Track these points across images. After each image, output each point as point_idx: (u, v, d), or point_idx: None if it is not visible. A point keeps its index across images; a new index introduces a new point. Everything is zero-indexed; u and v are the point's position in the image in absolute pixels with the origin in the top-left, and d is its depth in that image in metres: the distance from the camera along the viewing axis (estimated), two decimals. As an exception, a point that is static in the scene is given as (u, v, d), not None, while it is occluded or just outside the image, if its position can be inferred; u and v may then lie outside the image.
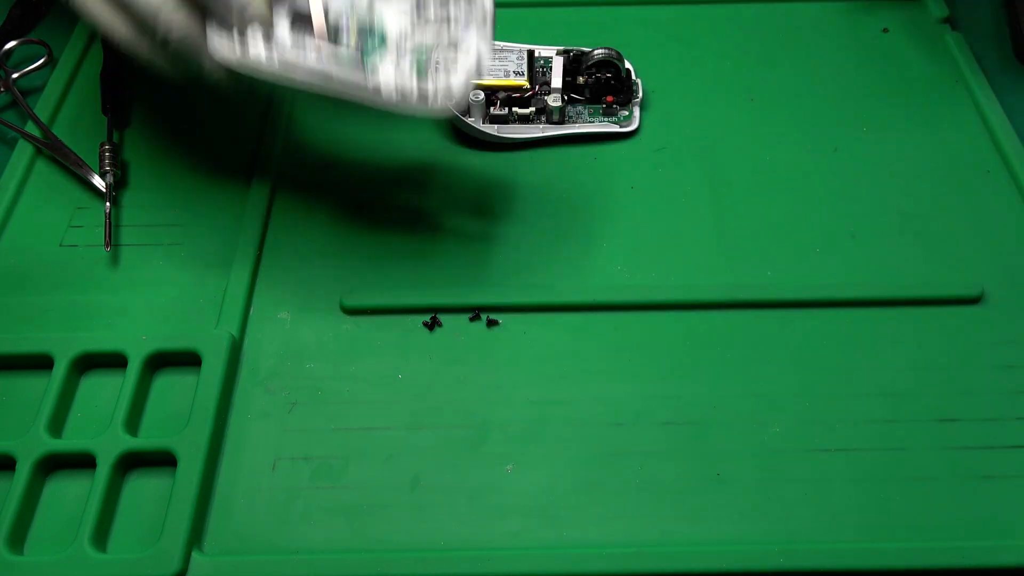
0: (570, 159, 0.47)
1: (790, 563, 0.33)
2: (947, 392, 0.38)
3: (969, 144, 0.47)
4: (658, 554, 0.33)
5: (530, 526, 0.34)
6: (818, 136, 0.47)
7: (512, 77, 0.47)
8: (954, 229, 0.43)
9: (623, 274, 0.42)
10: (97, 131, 0.47)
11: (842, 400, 0.38)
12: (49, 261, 0.42)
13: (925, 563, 0.33)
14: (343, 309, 0.40)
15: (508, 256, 0.42)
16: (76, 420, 0.37)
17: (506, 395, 0.38)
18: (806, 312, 0.40)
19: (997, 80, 0.50)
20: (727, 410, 0.37)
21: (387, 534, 0.34)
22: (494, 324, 0.40)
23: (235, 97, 0.48)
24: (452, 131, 0.48)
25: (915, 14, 0.54)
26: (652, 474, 0.36)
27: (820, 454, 0.36)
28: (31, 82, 0.50)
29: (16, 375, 0.38)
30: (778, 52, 0.52)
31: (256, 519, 0.35)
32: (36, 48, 0.50)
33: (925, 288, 0.41)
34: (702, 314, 0.40)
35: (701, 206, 0.44)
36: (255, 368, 0.39)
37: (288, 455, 0.36)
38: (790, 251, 0.43)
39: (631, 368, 0.39)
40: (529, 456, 0.36)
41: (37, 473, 0.35)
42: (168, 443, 0.36)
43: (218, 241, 0.43)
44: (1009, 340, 0.39)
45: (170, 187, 0.45)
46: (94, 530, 0.34)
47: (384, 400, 0.38)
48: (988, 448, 0.36)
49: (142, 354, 0.38)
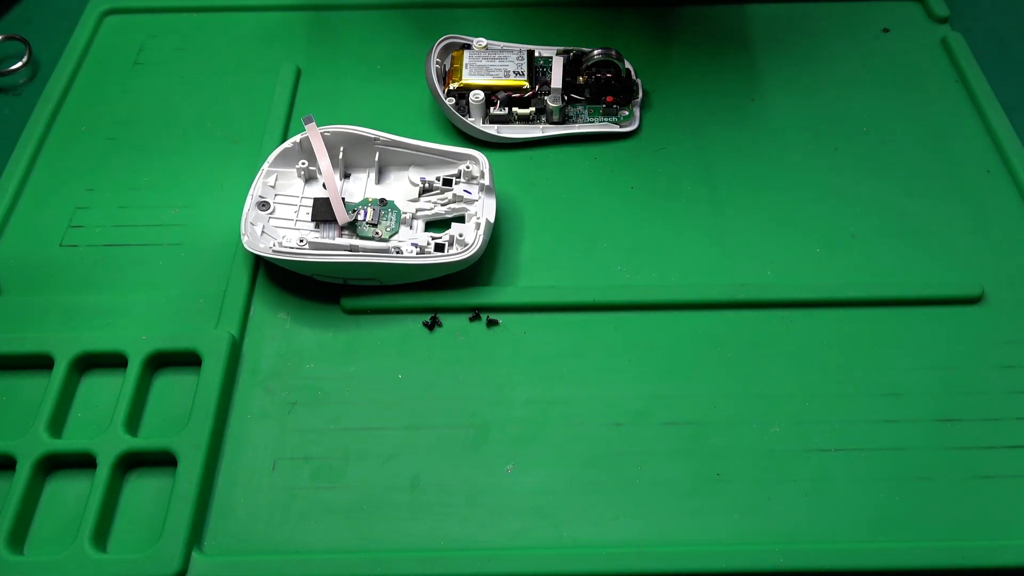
0: (570, 159, 0.47)
1: (790, 563, 0.33)
2: (947, 392, 0.38)
3: (969, 144, 0.47)
4: (658, 554, 0.33)
5: (530, 526, 0.34)
6: (818, 136, 0.47)
7: (512, 77, 0.47)
8: (954, 229, 0.43)
9: (623, 274, 0.42)
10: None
11: (842, 400, 0.38)
12: (49, 261, 0.42)
13: (925, 563, 0.33)
14: (343, 309, 0.40)
15: (508, 256, 0.42)
16: (76, 420, 0.37)
17: (506, 395, 0.38)
18: (806, 312, 0.40)
19: (997, 80, 0.50)
20: (727, 410, 0.37)
21: (387, 534, 0.34)
22: (494, 324, 0.40)
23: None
24: (452, 131, 0.48)
25: (915, 14, 0.54)
26: (652, 474, 0.36)
27: (820, 454, 0.36)
28: (13, 80, 0.49)
29: (16, 375, 0.38)
30: (778, 52, 0.52)
31: (256, 519, 0.35)
32: (16, 45, 0.49)
33: (925, 288, 0.41)
34: (702, 314, 0.40)
35: (701, 206, 0.44)
36: (255, 368, 0.39)
37: (288, 455, 0.36)
38: (790, 251, 0.43)
39: (631, 368, 0.39)
40: (529, 456, 0.36)
41: (37, 473, 0.35)
42: (168, 443, 0.36)
43: (218, 241, 0.43)
44: (1009, 340, 0.39)
45: (170, 187, 0.45)
46: (94, 530, 0.34)
47: (384, 400, 0.38)
48: (988, 448, 0.36)
49: (142, 354, 0.38)
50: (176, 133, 0.48)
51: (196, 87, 0.50)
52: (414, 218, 0.42)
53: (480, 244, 0.40)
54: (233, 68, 0.51)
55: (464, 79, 0.47)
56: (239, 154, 0.46)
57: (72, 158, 0.46)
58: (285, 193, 0.43)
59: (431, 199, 0.43)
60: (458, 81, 0.47)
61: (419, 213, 0.42)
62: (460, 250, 0.40)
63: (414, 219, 0.42)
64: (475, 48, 0.48)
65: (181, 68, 0.51)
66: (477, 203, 0.42)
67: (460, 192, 0.42)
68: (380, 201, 0.42)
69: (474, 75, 0.47)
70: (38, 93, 0.49)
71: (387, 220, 0.41)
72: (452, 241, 0.40)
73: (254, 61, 0.51)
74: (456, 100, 0.47)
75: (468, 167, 0.43)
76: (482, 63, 0.47)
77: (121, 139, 0.47)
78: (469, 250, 0.39)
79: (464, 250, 0.39)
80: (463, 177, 0.43)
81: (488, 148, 0.46)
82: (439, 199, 0.43)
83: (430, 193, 0.43)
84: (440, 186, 0.43)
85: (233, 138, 0.47)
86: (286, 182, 0.43)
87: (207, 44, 0.52)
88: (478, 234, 0.40)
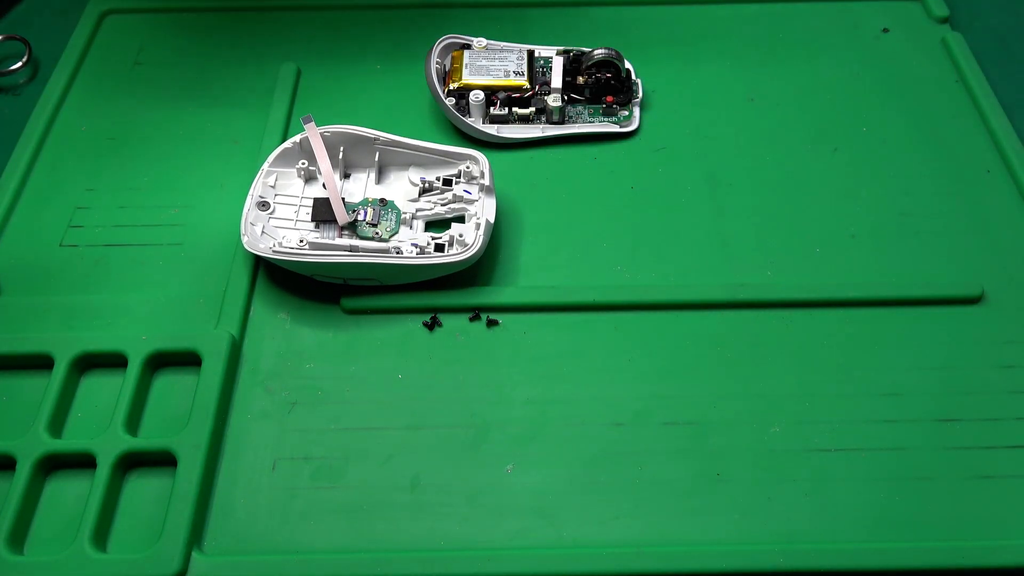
0: (570, 159, 0.47)
1: (790, 563, 0.33)
2: (947, 392, 0.38)
3: (969, 144, 0.47)
4: (658, 554, 0.33)
5: (530, 526, 0.34)
6: (818, 136, 0.47)
7: (512, 77, 0.47)
8: (954, 229, 0.43)
9: (623, 274, 0.42)
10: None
11: (842, 400, 0.38)
12: (49, 261, 0.42)
13: (925, 563, 0.33)
14: (343, 309, 0.40)
15: (508, 256, 0.42)
16: (76, 420, 0.37)
17: (506, 395, 0.38)
18: (806, 312, 0.40)
19: (997, 80, 0.50)
20: (727, 410, 0.37)
21: (387, 534, 0.34)
22: (494, 324, 0.40)
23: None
24: (452, 131, 0.48)
25: (915, 14, 0.54)
26: (652, 474, 0.36)
27: (820, 454, 0.36)
28: (13, 80, 0.49)
29: (16, 375, 0.38)
30: (778, 52, 0.52)
31: (256, 519, 0.35)
32: (16, 45, 0.49)
33: (925, 288, 0.41)
34: (702, 314, 0.40)
35: (701, 206, 0.44)
36: (255, 368, 0.39)
37: (288, 455, 0.36)
38: (790, 251, 0.43)
39: (631, 368, 0.39)
40: (529, 456, 0.36)
41: (37, 473, 0.35)
42: (168, 443, 0.36)
43: (218, 241, 0.43)
44: (1009, 340, 0.39)
45: (170, 187, 0.45)
46: (94, 530, 0.34)
47: (384, 400, 0.38)
48: (988, 448, 0.36)
49: (142, 354, 0.38)
50: (176, 133, 0.48)
51: (196, 87, 0.50)
52: (414, 218, 0.42)
53: (480, 244, 0.40)
54: (233, 68, 0.51)
55: (464, 79, 0.47)
56: (239, 154, 0.46)
57: (72, 158, 0.46)
58: (285, 193, 0.43)
59: (431, 199, 0.43)
60: (458, 81, 0.47)
61: (419, 213, 0.42)
62: (460, 250, 0.40)
63: (414, 219, 0.42)
64: (475, 48, 0.48)
65: (181, 68, 0.51)
66: (477, 203, 0.42)
67: (460, 192, 0.42)
68: (380, 201, 0.42)
69: (474, 75, 0.47)
70: (38, 93, 0.49)
71: (387, 220, 0.41)
72: (452, 241, 0.40)
73: (254, 61, 0.51)
74: (456, 100, 0.47)
75: (468, 167, 0.43)
76: (482, 63, 0.47)
77: (121, 139, 0.47)
78: (469, 250, 0.39)
79: (464, 250, 0.39)
80: (463, 177, 0.43)
81: (488, 148, 0.46)
82: (439, 199, 0.43)
83: (430, 193, 0.43)
84: (440, 186, 0.43)
85: (233, 138, 0.47)
86: (286, 182, 0.43)
87: (207, 44, 0.52)
88: (478, 234, 0.40)
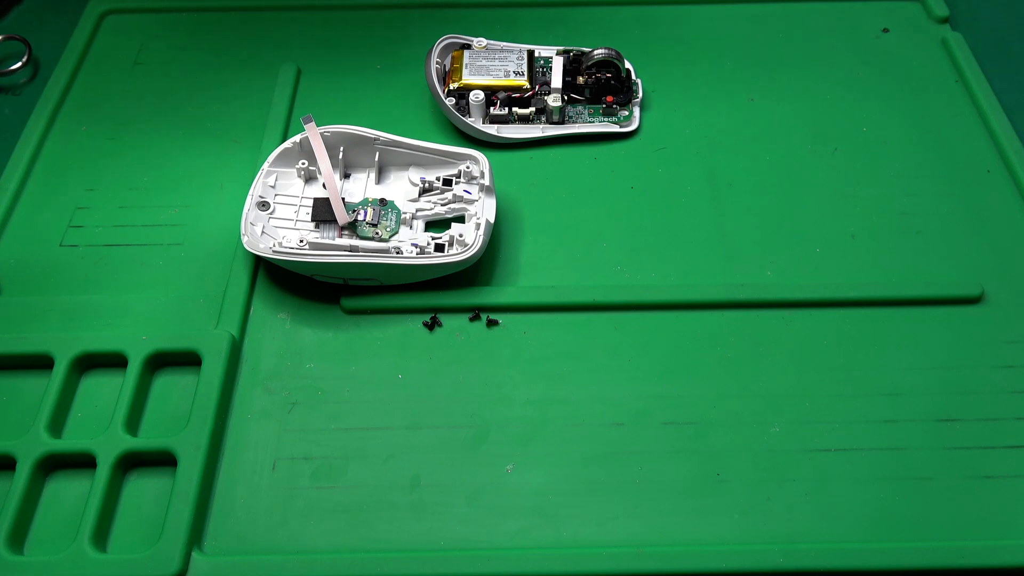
0: (570, 159, 0.47)
1: (790, 563, 0.33)
2: (947, 392, 0.38)
3: (969, 144, 0.47)
4: (658, 554, 0.33)
5: (530, 526, 0.34)
6: (818, 136, 0.47)
7: (512, 77, 0.47)
8: (954, 229, 0.43)
9: (623, 274, 0.42)
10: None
11: (842, 400, 0.38)
12: (49, 261, 0.42)
13: (925, 563, 0.33)
14: (343, 309, 0.40)
15: (508, 256, 0.42)
16: (76, 420, 0.37)
17: (506, 395, 0.38)
18: (806, 312, 0.40)
19: (997, 80, 0.50)
20: (727, 410, 0.37)
21: (387, 534, 0.34)
22: (494, 324, 0.40)
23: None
24: (452, 131, 0.48)
25: (915, 14, 0.54)
26: (652, 474, 0.36)
27: (820, 454, 0.36)
28: (13, 80, 0.49)
29: (16, 375, 0.38)
30: (778, 52, 0.52)
31: (256, 519, 0.35)
32: (16, 45, 0.49)
33: (925, 288, 0.41)
34: (702, 314, 0.40)
35: (701, 206, 0.44)
36: (255, 368, 0.39)
37: (288, 455, 0.36)
38: (790, 251, 0.43)
39: (631, 368, 0.39)
40: (529, 456, 0.36)
41: (37, 473, 0.35)
42: (168, 443, 0.36)
43: (218, 241, 0.43)
44: (1009, 340, 0.39)
45: (170, 187, 0.45)
46: (94, 530, 0.34)
47: (384, 400, 0.38)
48: (988, 448, 0.36)
49: (142, 354, 0.38)
50: (176, 133, 0.48)
51: (196, 87, 0.50)
52: (414, 218, 0.42)
53: (480, 244, 0.40)
54: (233, 68, 0.51)
55: (464, 79, 0.47)
56: (239, 154, 0.46)
57: (72, 158, 0.46)
58: (285, 193, 0.43)
59: (431, 199, 0.43)
60: (458, 81, 0.47)
61: (419, 213, 0.42)
62: (460, 250, 0.40)
63: (414, 219, 0.42)
64: (475, 48, 0.48)
65: (181, 68, 0.51)
66: (477, 203, 0.42)
67: (460, 192, 0.42)
68: (380, 201, 0.42)
69: (474, 75, 0.47)
70: (38, 93, 0.49)
71: (387, 220, 0.41)
72: (452, 241, 0.40)
73: (254, 61, 0.51)
74: (456, 100, 0.47)
75: (468, 167, 0.43)
76: (482, 63, 0.47)
77: (121, 139, 0.47)
78: (469, 250, 0.39)
79: (464, 250, 0.39)
80: (463, 177, 0.43)
81: (488, 148, 0.46)
82: (439, 199, 0.43)
83: (430, 193, 0.43)
84: (440, 186, 0.43)
85: (233, 138, 0.47)
86: (286, 182, 0.43)
87: (207, 44, 0.52)
88: (478, 234, 0.40)
